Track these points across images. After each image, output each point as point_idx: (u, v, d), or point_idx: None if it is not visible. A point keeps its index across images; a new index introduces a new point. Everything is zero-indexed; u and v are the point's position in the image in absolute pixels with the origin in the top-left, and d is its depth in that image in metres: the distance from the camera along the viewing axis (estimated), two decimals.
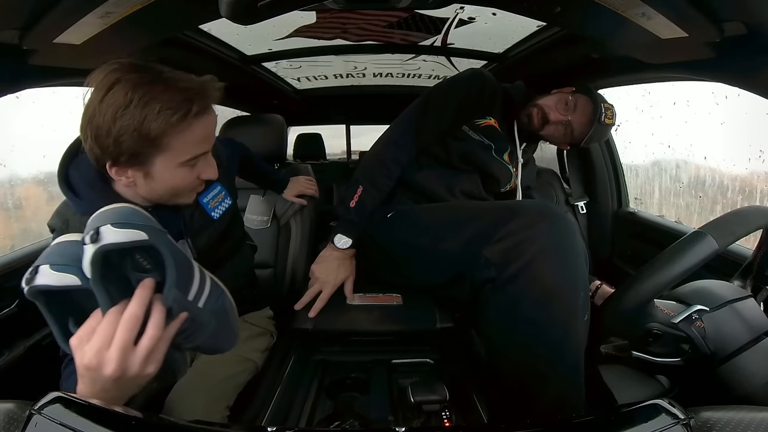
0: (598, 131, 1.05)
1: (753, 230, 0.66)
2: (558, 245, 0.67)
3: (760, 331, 0.61)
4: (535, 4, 0.70)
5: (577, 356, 0.67)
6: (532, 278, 0.66)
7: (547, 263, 0.66)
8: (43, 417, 0.40)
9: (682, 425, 0.40)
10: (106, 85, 0.54)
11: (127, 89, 0.53)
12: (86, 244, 0.43)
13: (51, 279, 0.45)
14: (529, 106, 1.09)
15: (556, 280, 0.65)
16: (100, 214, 0.45)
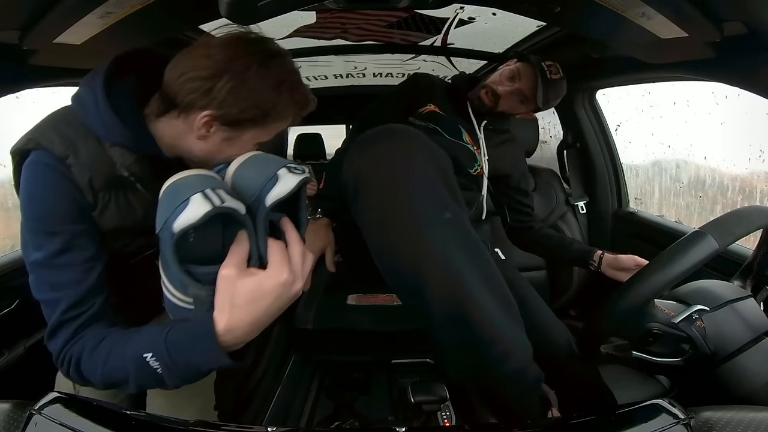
0: (550, 89, 1.02)
1: (753, 230, 0.66)
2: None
3: (760, 331, 0.61)
4: (535, 4, 0.70)
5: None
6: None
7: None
8: (43, 417, 0.40)
9: (682, 425, 0.40)
10: (274, 51, 0.54)
11: (289, 66, 0.55)
12: (293, 173, 0.46)
13: (210, 205, 0.41)
14: (477, 88, 1.08)
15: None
16: (268, 156, 0.50)
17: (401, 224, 0.58)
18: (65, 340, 0.52)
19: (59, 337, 0.52)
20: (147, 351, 0.47)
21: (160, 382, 0.48)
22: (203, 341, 0.46)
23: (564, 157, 1.61)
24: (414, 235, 0.58)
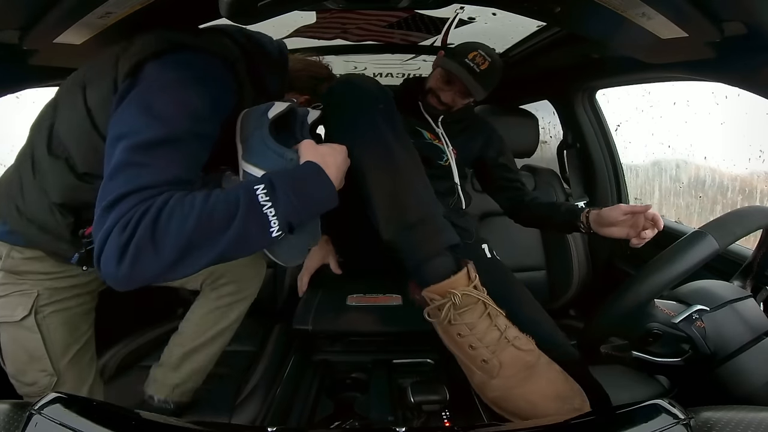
0: (483, 80, 1.06)
1: (753, 230, 0.66)
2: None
3: (760, 331, 0.61)
4: (535, 4, 0.70)
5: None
6: None
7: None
8: (43, 417, 0.40)
9: (682, 425, 0.40)
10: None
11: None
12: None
13: (284, 105, 0.65)
14: (427, 95, 1.12)
15: None
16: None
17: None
18: (136, 202, 0.49)
19: (129, 200, 0.49)
20: (258, 183, 0.53)
21: (264, 227, 0.51)
22: (318, 176, 0.57)
23: (564, 157, 1.61)
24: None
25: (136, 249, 0.47)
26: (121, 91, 0.57)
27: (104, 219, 0.49)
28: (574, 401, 0.62)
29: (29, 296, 0.78)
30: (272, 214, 0.52)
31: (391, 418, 0.78)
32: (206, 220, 0.49)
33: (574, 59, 1.22)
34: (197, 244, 0.49)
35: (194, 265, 0.50)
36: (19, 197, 0.71)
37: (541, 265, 1.48)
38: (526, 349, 0.66)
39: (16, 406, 0.43)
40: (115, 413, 0.46)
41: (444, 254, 0.67)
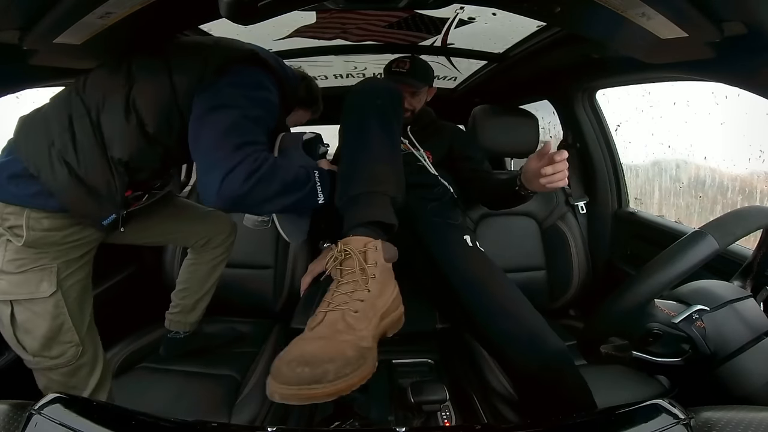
0: (414, 74, 1.28)
1: (753, 230, 0.66)
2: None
3: (760, 331, 0.61)
4: (535, 4, 0.70)
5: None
6: None
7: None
8: (43, 417, 0.40)
9: (682, 425, 0.40)
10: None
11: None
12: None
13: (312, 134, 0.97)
14: None
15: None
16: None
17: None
18: (259, 150, 0.73)
19: (253, 147, 0.72)
20: (314, 169, 0.79)
21: (314, 194, 0.78)
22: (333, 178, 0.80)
23: None
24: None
25: (258, 178, 0.70)
26: (211, 79, 0.78)
27: (236, 153, 0.70)
28: (318, 369, 0.55)
29: (50, 270, 0.82)
30: (320, 190, 0.78)
31: (391, 418, 0.78)
32: (294, 179, 0.76)
33: (574, 59, 1.22)
34: (284, 192, 0.74)
35: (277, 204, 0.74)
36: (73, 156, 0.77)
37: (541, 265, 1.48)
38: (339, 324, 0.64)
39: (16, 406, 0.43)
40: (115, 413, 0.46)
41: (368, 226, 0.70)
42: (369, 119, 0.81)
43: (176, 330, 1.21)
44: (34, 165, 0.76)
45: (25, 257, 0.79)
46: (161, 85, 0.79)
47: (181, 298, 1.21)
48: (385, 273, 0.69)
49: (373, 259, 0.68)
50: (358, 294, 0.66)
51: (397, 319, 0.73)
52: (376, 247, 0.68)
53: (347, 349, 0.59)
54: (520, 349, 0.88)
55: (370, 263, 0.67)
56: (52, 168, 0.76)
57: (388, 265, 0.70)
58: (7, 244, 0.78)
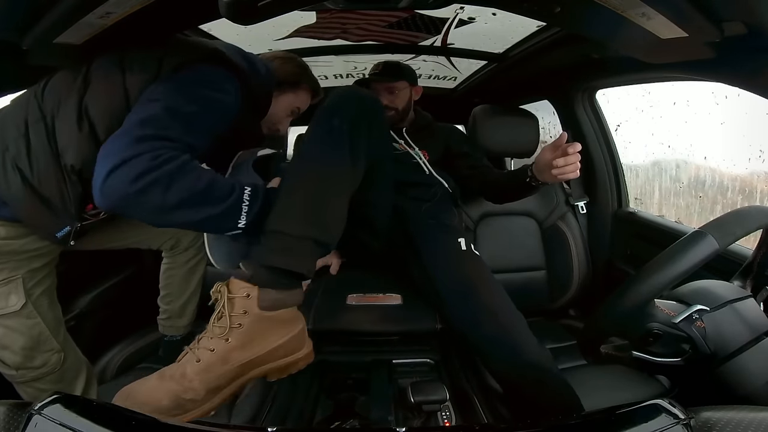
0: (387, 73, 1.34)
1: (753, 230, 0.66)
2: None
3: (760, 331, 0.61)
4: (535, 4, 0.70)
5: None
6: None
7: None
8: (43, 417, 0.40)
9: (682, 425, 0.40)
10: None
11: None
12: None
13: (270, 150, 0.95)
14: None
15: None
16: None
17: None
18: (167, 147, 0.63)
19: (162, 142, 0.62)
20: (249, 186, 0.69)
21: (234, 216, 0.67)
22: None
23: None
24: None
25: (154, 179, 0.59)
26: (162, 77, 0.72)
27: (135, 145, 0.60)
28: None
29: (16, 283, 0.78)
30: (245, 211, 0.68)
31: (391, 418, 0.78)
32: (208, 189, 0.64)
33: (574, 59, 1.22)
34: (189, 204, 0.62)
35: (177, 218, 0.63)
36: (26, 163, 0.72)
37: (541, 265, 1.48)
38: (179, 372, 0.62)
39: (16, 406, 0.43)
40: (115, 413, 0.46)
41: (270, 269, 0.65)
42: (321, 141, 0.74)
43: (170, 335, 1.21)
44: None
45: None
46: (114, 88, 0.72)
47: (167, 303, 1.19)
48: (259, 323, 0.64)
49: (241, 307, 0.63)
50: (213, 342, 0.62)
51: (287, 365, 0.68)
52: (249, 294, 0.63)
53: (164, 398, 0.58)
54: (500, 356, 0.88)
55: (236, 311, 0.63)
56: (5, 175, 0.72)
57: (270, 314, 0.65)
58: None
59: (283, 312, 0.66)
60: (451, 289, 0.99)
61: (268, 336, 0.65)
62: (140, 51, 0.75)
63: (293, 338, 0.67)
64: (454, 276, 1.01)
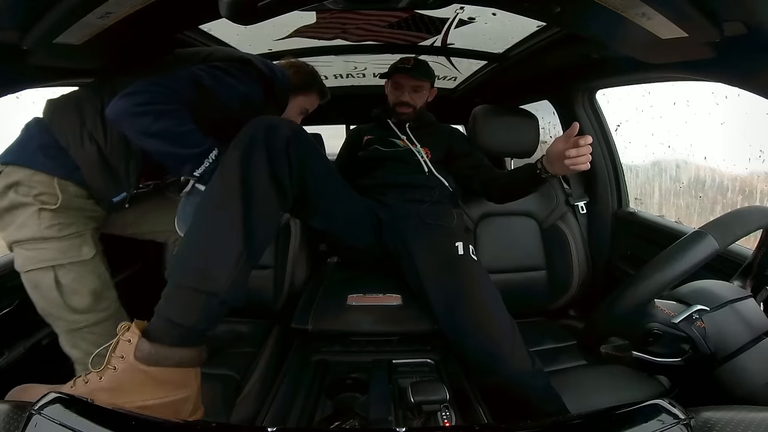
0: (418, 69, 1.33)
1: (753, 230, 0.66)
2: None
3: (760, 331, 0.61)
4: (535, 4, 0.70)
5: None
6: None
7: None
8: (43, 417, 0.40)
9: (682, 425, 0.40)
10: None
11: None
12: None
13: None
14: (394, 110, 1.40)
15: None
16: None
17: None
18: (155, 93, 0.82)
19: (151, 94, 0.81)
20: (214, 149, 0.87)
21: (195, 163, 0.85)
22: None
23: None
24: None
25: (147, 111, 0.79)
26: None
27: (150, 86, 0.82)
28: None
29: (86, 236, 0.93)
30: (206, 165, 0.85)
31: (391, 418, 0.77)
32: (184, 135, 0.84)
33: (574, 59, 1.22)
34: (164, 136, 0.82)
35: (153, 145, 0.82)
36: (101, 136, 0.88)
37: (541, 265, 1.48)
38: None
39: (16, 406, 0.43)
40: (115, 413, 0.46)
41: (162, 321, 0.64)
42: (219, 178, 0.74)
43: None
44: (65, 140, 0.86)
45: (62, 221, 0.88)
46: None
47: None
48: (131, 374, 0.60)
49: (121, 351, 0.60)
50: (91, 375, 0.60)
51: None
52: (130, 340, 0.61)
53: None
54: (485, 368, 0.88)
55: (116, 353, 0.60)
56: (82, 144, 0.87)
57: (146, 368, 0.60)
58: (40, 213, 0.85)
59: (165, 371, 0.62)
60: (440, 298, 0.97)
61: (142, 391, 0.61)
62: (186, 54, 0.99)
63: (174, 403, 0.63)
64: (444, 285, 0.99)
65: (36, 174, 0.85)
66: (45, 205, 0.86)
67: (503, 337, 0.89)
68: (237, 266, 0.68)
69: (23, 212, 0.85)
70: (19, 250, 0.87)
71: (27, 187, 0.85)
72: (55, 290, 0.86)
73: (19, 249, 0.87)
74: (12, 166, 0.86)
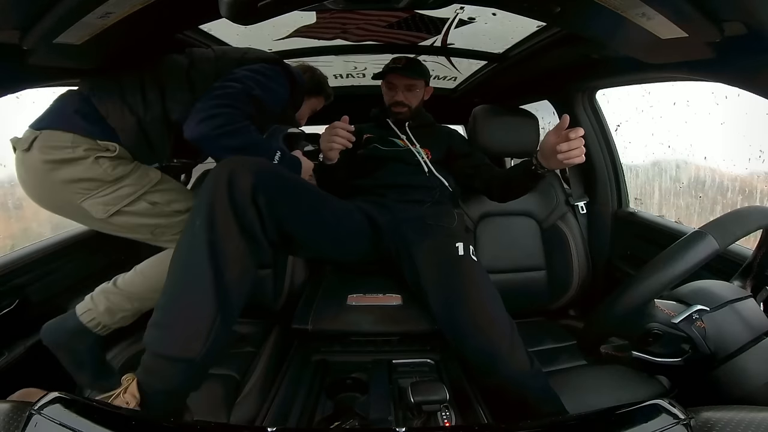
0: (410, 68, 1.34)
1: (753, 230, 0.66)
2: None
3: (760, 331, 0.61)
4: (535, 4, 0.70)
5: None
6: None
7: None
8: (43, 417, 0.40)
9: (682, 425, 0.40)
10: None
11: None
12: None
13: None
14: (390, 111, 1.40)
15: None
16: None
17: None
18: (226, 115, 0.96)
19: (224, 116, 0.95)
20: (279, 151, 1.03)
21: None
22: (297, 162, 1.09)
23: None
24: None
25: (226, 131, 0.94)
26: (244, 63, 1.07)
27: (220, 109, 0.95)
28: None
29: (145, 167, 1.03)
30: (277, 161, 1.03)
31: (391, 418, 0.77)
32: (255, 144, 0.99)
33: (574, 59, 1.22)
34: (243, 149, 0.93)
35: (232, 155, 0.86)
36: (141, 109, 0.97)
37: (541, 265, 1.48)
38: None
39: (16, 406, 0.43)
40: (115, 413, 0.46)
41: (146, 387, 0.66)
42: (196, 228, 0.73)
43: None
44: (104, 108, 0.94)
45: (124, 160, 0.97)
46: (210, 72, 1.03)
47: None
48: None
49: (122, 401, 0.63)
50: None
51: None
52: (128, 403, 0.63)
53: None
54: (484, 369, 0.88)
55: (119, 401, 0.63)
56: (122, 114, 0.95)
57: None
58: (100, 160, 0.93)
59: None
60: (439, 299, 0.97)
61: None
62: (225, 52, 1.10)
63: None
64: (444, 285, 0.98)
65: (77, 136, 0.91)
66: (103, 153, 0.93)
67: (502, 338, 0.88)
68: (211, 331, 0.69)
69: (81, 165, 0.92)
70: (93, 201, 0.95)
71: (71, 148, 0.90)
72: (153, 209, 1.00)
73: (94, 200, 0.95)
74: (50, 130, 0.90)
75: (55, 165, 0.91)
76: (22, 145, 0.91)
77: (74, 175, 0.92)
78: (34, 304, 1.05)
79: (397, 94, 1.36)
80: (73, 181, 0.93)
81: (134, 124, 0.96)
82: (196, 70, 1.03)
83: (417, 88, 1.37)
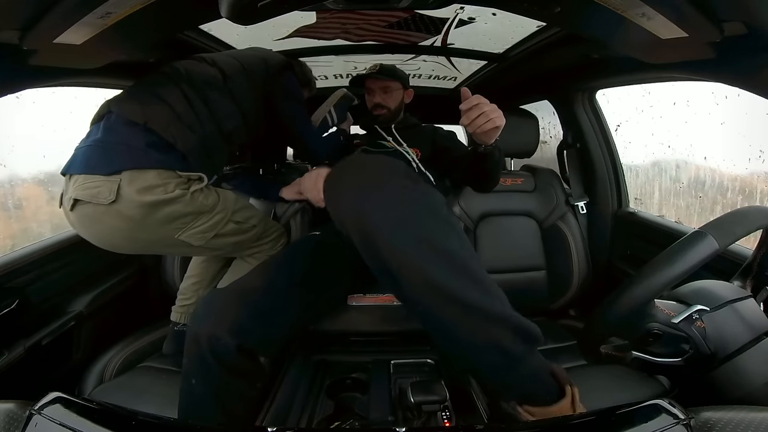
0: (383, 72, 1.39)
1: (753, 230, 0.66)
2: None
3: (760, 331, 0.61)
4: (535, 4, 0.70)
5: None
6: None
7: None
8: (43, 417, 0.40)
9: (682, 425, 0.40)
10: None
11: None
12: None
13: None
14: (373, 113, 1.45)
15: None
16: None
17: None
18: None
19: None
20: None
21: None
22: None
23: (564, 157, 1.61)
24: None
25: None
26: (273, 75, 1.16)
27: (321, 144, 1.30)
28: None
29: (223, 191, 1.07)
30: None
31: (391, 418, 0.78)
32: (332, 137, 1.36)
33: (574, 59, 1.22)
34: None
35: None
36: (195, 123, 0.97)
37: (541, 265, 1.48)
38: None
39: (16, 406, 0.43)
40: (115, 413, 0.46)
41: None
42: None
43: (184, 322, 1.22)
44: (171, 134, 0.92)
45: (210, 190, 1.00)
46: (247, 82, 1.09)
47: (195, 291, 1.24)
48: None
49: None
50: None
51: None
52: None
53: None
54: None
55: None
56: (186, 135, 0.94)
57: None
58: (195, 194, 0.94)
59: None
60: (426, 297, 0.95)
61: None
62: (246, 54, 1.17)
63: None
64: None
65: (161, 171, 0.89)
66: (193, 185, 0.95)
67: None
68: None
69: (180, 202, 0.92)
70: (192, 232, 0.97)
71: (162, 186, 0.89)
72: (239, 227, 1.05)
73: (192, 231, 0.96)
74: (130, 171, 0.87)
75: (153, 207, 0.88)
76: (104, 197, 0.86)
77: (174, 213, 0.91)
78: (34, 304, 1.04)
79: (375, 97, 1.42)
80: (174, 218, 0.92)
81: (197, 143, 0.96)
82: (233, 81, 1.07)
83: (393, 90, 1.41)
